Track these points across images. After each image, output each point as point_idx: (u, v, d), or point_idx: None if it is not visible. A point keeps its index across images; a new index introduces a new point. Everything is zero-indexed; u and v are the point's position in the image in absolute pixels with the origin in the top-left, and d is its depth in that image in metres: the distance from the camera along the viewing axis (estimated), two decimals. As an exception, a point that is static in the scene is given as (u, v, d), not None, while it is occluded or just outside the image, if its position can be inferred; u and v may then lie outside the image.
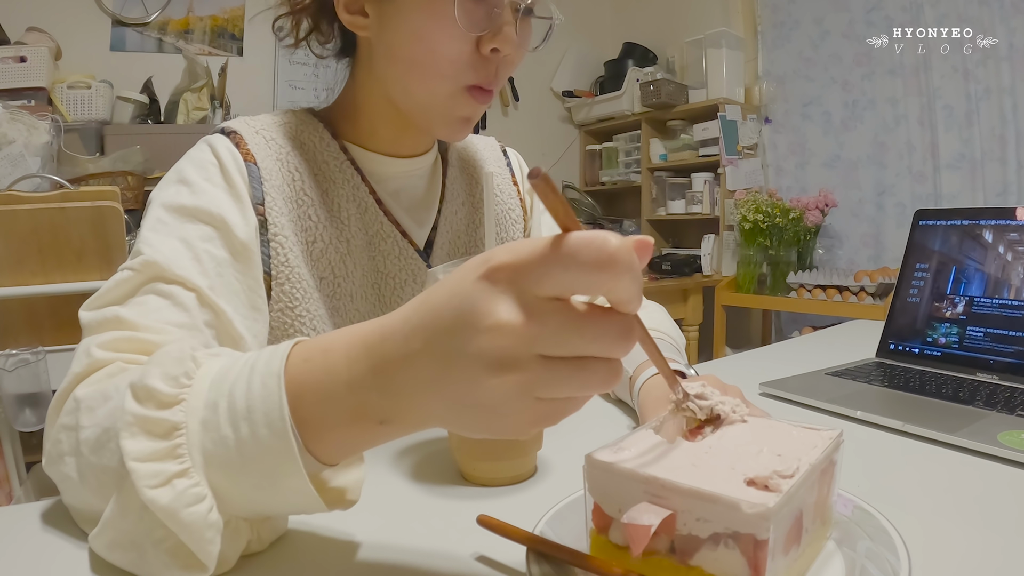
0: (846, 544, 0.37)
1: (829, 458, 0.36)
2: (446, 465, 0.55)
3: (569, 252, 0.27)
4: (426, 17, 0.55)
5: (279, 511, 0.39)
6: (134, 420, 0.35)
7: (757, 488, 0.31)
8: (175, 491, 0.34)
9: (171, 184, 0.57)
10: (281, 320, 0.58)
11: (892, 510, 0.38)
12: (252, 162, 0.58)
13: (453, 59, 0.56)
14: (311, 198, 0.61)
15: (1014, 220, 0.79)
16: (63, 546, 0.42)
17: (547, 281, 0.27)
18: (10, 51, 2.00)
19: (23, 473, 1.20)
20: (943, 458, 0.55)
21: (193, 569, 0.35)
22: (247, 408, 0.34)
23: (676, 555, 0.32)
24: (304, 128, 0.64)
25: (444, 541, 0.42)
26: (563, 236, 0.27)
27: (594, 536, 0.35)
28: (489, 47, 0.56)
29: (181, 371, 0.36)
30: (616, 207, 3.43)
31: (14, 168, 1.72)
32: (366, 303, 0.64)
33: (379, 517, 0.46)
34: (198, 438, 0.35)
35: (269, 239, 0.57)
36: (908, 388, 0.73)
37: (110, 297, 0.50)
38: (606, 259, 0.27)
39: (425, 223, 0.69)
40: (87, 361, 0.44)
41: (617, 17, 3.50)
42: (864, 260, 2.59)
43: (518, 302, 0.28)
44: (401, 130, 0.66)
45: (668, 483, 0.31)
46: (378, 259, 0.64)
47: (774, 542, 0.29)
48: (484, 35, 0.56)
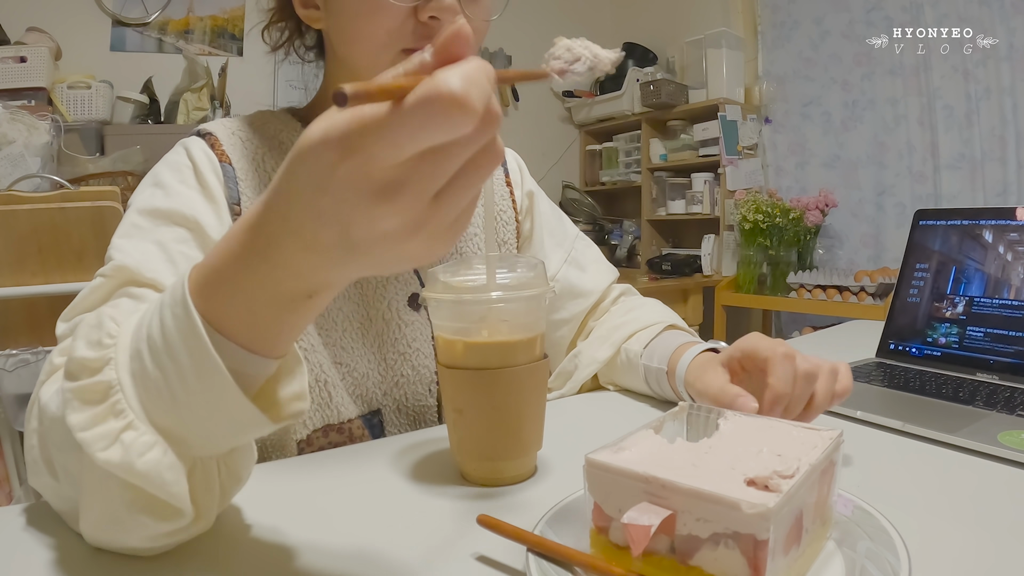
0: (846, 544, 0.37)
1: (829, 458, 0.36)
2: (446, 465, 0.55)
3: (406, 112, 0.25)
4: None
5: (235, 436, 0.38)
6: (72, 395, 0.35)
7: (757, 488, 0.31)
8: (124, 445, 0.34)
9: (147, 188, 0.59)
10: None
11: (891, 510, 0.38)
12: (227, 162, 0.60)
13: (391, 28, 0.57)
14: None
15: (1014, 220, 0.79)
16: (63, 546, 0.42)
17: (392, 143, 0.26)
18: (10, 51, 2.00)
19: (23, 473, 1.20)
20: (943, 458, 0.55)
21: (171, 517, 0.36)
22: (165, 344, 0.34)
23: (676, 555, 0.32)
24: (282, 127, 0.65)
25: (444, 541, 0.42)
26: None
27: (594, 536, 0.35)
28: (427, 15, 0.57)
29: (103, 333, 0.37)
30: (616, 207, 3.43)
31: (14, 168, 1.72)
32: (349, 302, 0.64)
33: (379, 517, 0.46)
34: (132, 390, 0.35)
35: None
36: (908, 388, 0.73)
37: (83, 306, 0.50)
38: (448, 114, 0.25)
39: None
40: (49, 368, 0.44)
41: (617, 17, 3.50)
42: (864, 260, 2.59)
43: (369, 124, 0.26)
44: None
45: (668, 483, 0.32)
46: None
47: (774, 542, 0.29)
48: (419, 4, 0.57)
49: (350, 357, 0.63)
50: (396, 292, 0.66)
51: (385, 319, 0.65)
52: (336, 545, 0.42)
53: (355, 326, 0.64)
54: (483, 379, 0.49)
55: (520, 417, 0.49)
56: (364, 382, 0.64)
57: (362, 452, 0.61)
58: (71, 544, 0.42)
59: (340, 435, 0.62)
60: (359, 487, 0.52)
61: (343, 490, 0.52)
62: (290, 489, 0.52)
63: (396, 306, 0.66)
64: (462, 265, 0.52)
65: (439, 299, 0.49)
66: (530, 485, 0.51)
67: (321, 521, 0.46)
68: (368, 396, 0.65)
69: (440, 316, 0.51)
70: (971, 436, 0.56)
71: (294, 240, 0.30)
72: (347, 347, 0.63)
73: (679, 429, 0.43)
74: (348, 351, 0.63)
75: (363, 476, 0.54)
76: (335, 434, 0.62)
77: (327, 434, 0.62)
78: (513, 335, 0.49)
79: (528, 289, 0.49)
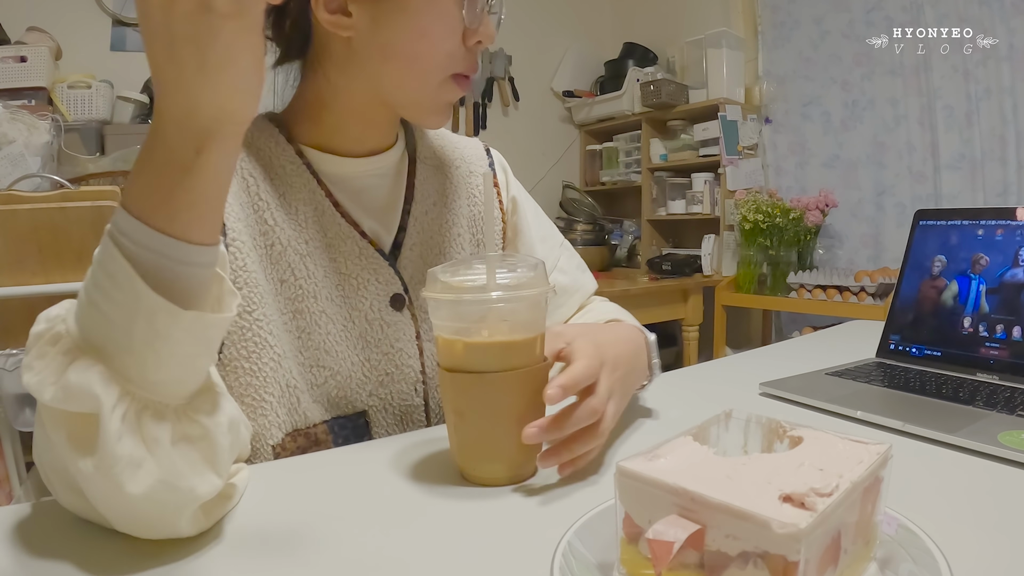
0: (890, 568, 0.35)
1: (875, 475, 0.33)
2: (446, 465, 0.55)
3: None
4: (432, 15, 0.59)
5: (187, 356, 0.40)
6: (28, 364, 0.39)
7: (793, 505, 0.29)
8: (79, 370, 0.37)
9: None
10: (239, 324, 0.58)
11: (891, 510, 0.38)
12: None
13: (450, 51, 0.60)
14: (267, 202, 0.62)
15: (1014, 220, 0.79)
16: (63, 546, 0.42)
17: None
18: (10, 51, 2.00)
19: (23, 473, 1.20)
20: (943, 458, 0.55)
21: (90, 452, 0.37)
22: (95, 282, 0.38)
23: (705, 570, 0.31)
24: (260, 134, 0.64)
25: (444, 541, 0.42)
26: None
27: (624, 545, 0.34)
28: (475, 40, 0.61)
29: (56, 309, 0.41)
30: (616, 207, 3.43)
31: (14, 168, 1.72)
32: (331, 304, 0.64)
33: (379, 517, 0.46)
34: (78, 338, 0.39)
35: (228, 244, 0.58)
36: (908, 388, 0.73)
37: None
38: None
39: (391, 223, 0.69)
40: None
41: (617, 17, 3.50)
42: (864, 260, 2.59)
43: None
44: (370, 125, 0.67)
45: (698, 496, 0.30)
46: (339, 260, 0.65)
47: (805, 564, 0.27)
48: (469, 29, 0.60)
49: (333, 360, 0.63)
50: (377, 293, 0.66)
51: (368, 320, 0.65)
52: (336, 544, 0.42)
53: (337, 327, 0.64)
54: (484, 383, 0.49)
55: (522, 420, 0.49)
56: (348, 383, 0.64)
57: (362, 452, 0.61)
58: (71, 544, 0.42)
59: (307, 440, 0.62)
60: (360, 487, 0.52)
61: (343, 490, 0.52)
62: (290, 489, 0.52)
63: (378, 306, 0.66)
64: (461, 265, 0.52)
65: (439, 299, 0.49)
66: (535, 487, 0.51)
67: (321, 519, 0.46)
68: (353, 397, 0.65)
69: (440, 316, 0.51)
70: (971, 436, 0.56)
71: (155, 76, 0.36)
72: (330, 349, 0.63)
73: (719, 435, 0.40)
74: (331, 354, 0.63)
75: (363, 476, 0.54)
76: (303, 439, 0.62)
77: (295, 439, 0.61)
78: (514, 335, 0.49)
79: (528, 289, 0.49)
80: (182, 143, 0.37)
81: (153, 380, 0.39)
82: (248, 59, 0.36)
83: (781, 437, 0.39)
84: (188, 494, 0.39)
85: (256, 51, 0.37)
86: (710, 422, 0.40)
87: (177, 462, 0.39)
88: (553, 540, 0.38)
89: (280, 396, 0.60)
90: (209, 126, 0.37)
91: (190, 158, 0.37)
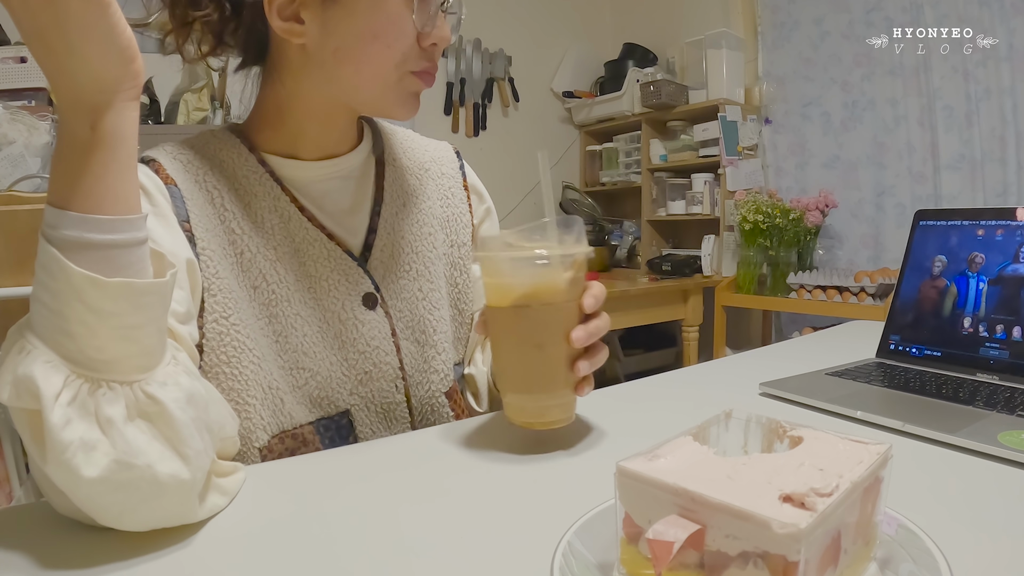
0: (890, 568, 0.35)
1: (875, 475, 0.34)
2: (449, 462, 0.55)
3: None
4: (381, 18, 0.59)
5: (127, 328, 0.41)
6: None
7: (793, 505, 0.29)
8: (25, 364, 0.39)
9: None
10: (216, 330, 0.58)
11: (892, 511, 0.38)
12: (173, 184, 0.60)
13: (404, 52, 0.61)
14: (232, 212, 0.62)
15: (1014, 220, 0.79)
16: (63, 546, 0.42)
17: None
18: (10, 51, 2.00)
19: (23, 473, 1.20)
20: (943, 458, 0.55)
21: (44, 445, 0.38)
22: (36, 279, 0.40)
23: (705, 571, 0.31)
24: (222, 146, 0.65)
25: (444, 541, 0.43)
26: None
27: (624, 545, 0.34)
28: (429, 42, 0.62)
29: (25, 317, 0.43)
30: (616, 208, 3.43)
31: (14, 168, 1.72)
32: (305, 307, 0.64)
33: (378, 517, 0.46)
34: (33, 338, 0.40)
35: (199, 253, 0.59)
36: (908, 388, 0.73)
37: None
38: None
39: (359, 224, 0.69)
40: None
41: (617, 17, 3.50)
42: (864, 261, 2.59)
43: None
44: (330, 128, 0.67)
45: (698, 496, 0.30)
46: (308, 264, 0.65)
47: (805, 564, 0.28)
48: (423, 32, 0.61)
49: (312, 361, 0.64)
50: (348, 293, 0.66)
51: (341, 319, 0.66)
52: (336, 544, 0.42)
53: (313, 329, 0.64)
54: (564, 312, 0.56)
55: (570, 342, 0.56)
56: (328, 383, 0.65)
57: (362, 452, 0.61)
58: (71, 544, 0.42)
59: (295, 441, 0.63)
60: (353, 489, 0.52)
61: (343, 490, 0.52)
62: (289, 490, 0.52)
63: (350, 306, 0.66)
64: (519, 235, 0.57)
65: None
66: (545, 489, 0.51)
67: (320, 519, 0.46)
68: (334, 397, 0.65)
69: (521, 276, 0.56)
70: (971, 436, 0.56)
71: (44, 72, 0.39)
72: (308, 351, 0.64)
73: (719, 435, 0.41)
74: (309, 355, 0.64)
75: (356, 478, 0.54)
76: (290, 440, 0.62)
77: (283, 440, 0.62)
78: (579, 272, 0.57)
79: (582, 239, 0.57)
80: (79, 124, 0.40)
81: (103, 359, 0.40)
82: (104, 24, 0.39)
83: (781, 437, 0.39)
84: (146, 471, 0.39)
85: (107, 15, 0.39)
86: (710, 422, 0.40)
87: (132, 440, 0.39)
88: (553, 540, 0.38)
89: (263, 398, 0.60)
90: (95, 99, 0.40)
91: (87, 135, 0.40)
